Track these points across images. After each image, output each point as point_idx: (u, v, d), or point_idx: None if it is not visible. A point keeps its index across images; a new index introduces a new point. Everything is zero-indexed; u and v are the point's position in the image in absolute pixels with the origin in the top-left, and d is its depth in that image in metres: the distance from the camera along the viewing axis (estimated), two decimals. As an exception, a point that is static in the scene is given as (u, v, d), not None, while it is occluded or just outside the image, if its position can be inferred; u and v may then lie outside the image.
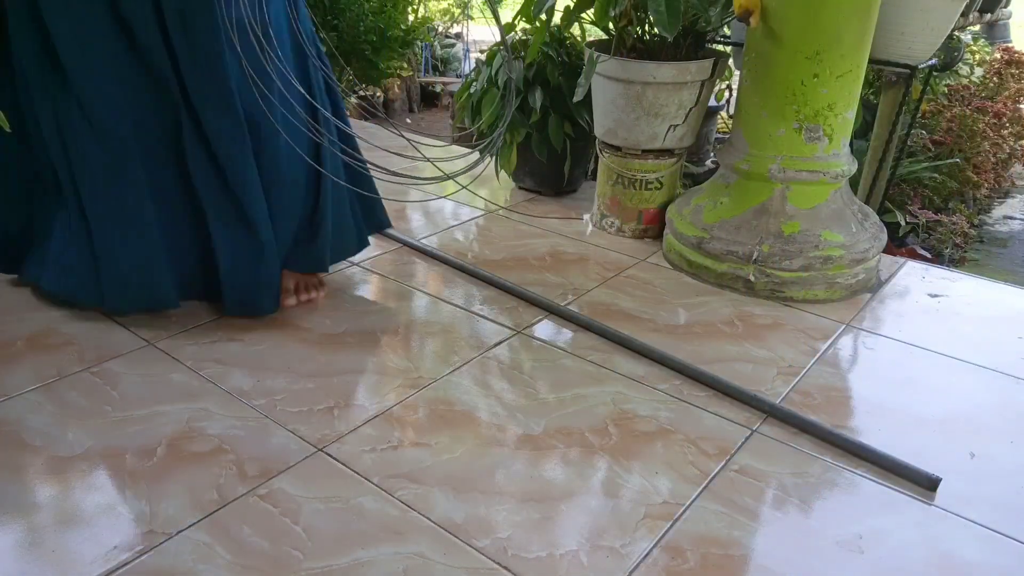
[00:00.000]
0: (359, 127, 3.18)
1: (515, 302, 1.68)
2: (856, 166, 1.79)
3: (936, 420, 1.32)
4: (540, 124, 2.12)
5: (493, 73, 2.16)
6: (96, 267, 1.43)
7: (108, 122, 1.36)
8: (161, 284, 1.46)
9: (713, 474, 1.17)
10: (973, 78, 3.42)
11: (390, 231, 1.98)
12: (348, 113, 4.56)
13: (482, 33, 7.64)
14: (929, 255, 2.68)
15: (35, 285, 1.58)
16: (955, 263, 2.88)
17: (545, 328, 1.59)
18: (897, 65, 2.05)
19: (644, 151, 1.94)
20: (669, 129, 1.90)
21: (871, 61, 1.85)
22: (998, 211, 3.60)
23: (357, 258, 1.86)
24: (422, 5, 5.19)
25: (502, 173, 2.30)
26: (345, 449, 1.20)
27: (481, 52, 3.57)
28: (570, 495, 1.12)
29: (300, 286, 1.60)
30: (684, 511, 1.09)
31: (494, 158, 2.26)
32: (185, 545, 1.01)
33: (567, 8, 1.88)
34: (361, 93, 5.24)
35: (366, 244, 1.72)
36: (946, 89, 3.26)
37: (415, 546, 1.02)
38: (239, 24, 1.27)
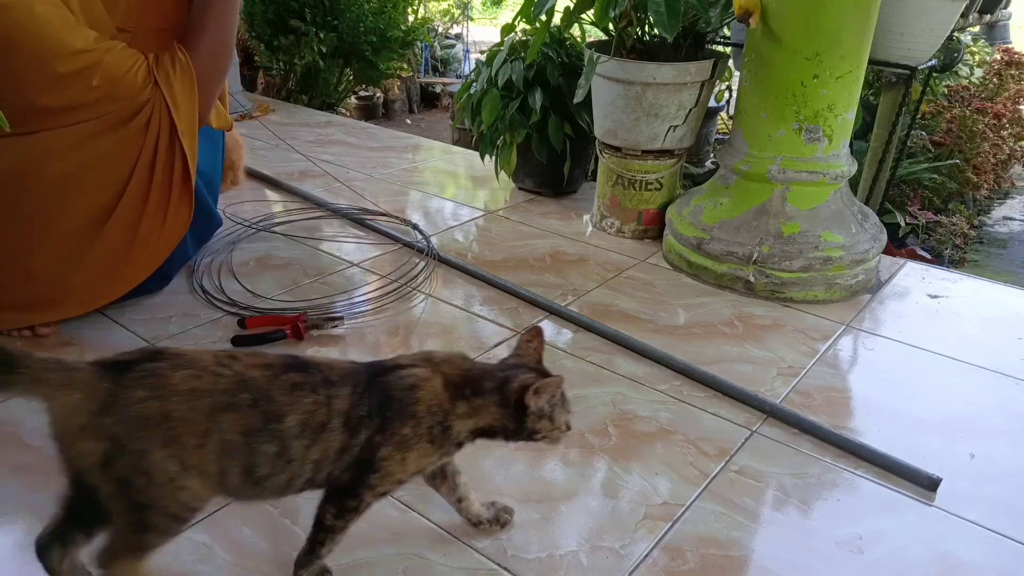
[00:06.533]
0: (359, 127, 3.18)
1: (515, 303, 1.68)
2: (856, 167, 1.79)
3: (936, 420, 1.32)
4: (540, 125, 2.12)
5: (493, 74, 2.16)
6: None
7: None
8: None
9: (713, 475, 1.17)
10: (973, 79, 3.43)
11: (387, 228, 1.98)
12: (348, 114, 4.51)
13: (482, 34, 7.64)
14: (929, 256, 2.68)
15: None
16: (955, 264, 2.88)
17: (545, 328, 1.58)
18: (897, 66, 2.05)
19: (644, 152, 1.94)
20: (669, 130, 1.90)
21: (871, 62, 1.85)
22: (998, 212, 3.61)
23: (357, 259, 1.86)
24: (422, 5, 5.19)
25: (502, 174, 2.30)
26: (345, 449, 1.20)
27: (481, 53, 3.57)
28: (570, 496, 1.12)
29: None
30: (684, 512, 1.09)
31: (494, 159, 2.27)
32: (185, 546, 1.01)
33: (567, 9, 1.88)
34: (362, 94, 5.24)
35: None
36: (946, 90, 3.26)
37: (415, 546, 1.02)
38: None
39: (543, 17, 1.81)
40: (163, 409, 0.75)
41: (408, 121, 5.76)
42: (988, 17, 3.19)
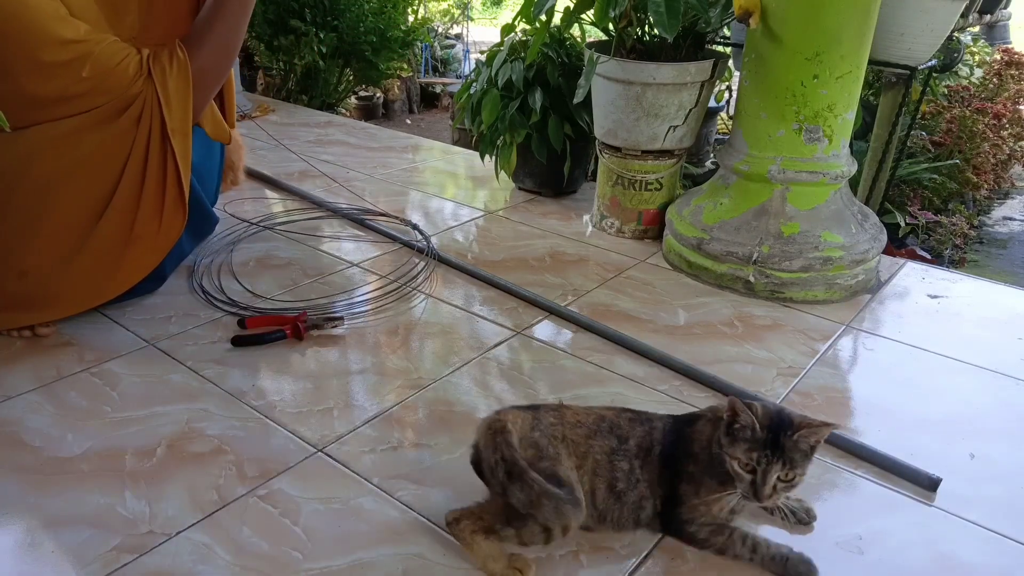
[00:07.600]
0: (359, 127, 3.18)
1: (515, 303, 1.68)
2: (856, 167, 1.79)
3: (936, 420, 1.32)
4: (540, 125, 2.12)
5: (493, 74, 2.16)
6: None
7: None
8: None
9: (713, 475, 1.17)
10: (973, 79, 3.43)
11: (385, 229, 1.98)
12: (348, 114, 4.51)
13: (482, 34, 7.64)
14: (929, 256, 2.68)
15: None
16: (955, 264, 2.88)
17: (545, 329, 1.59)
18: (897, 66, 2.05)
19: (644, 152, 1.94)
20: (669, 130, 1.90)
21: (871, 62, 1.85)
22: (998, 212, 3.61)
23: (357, 259, 1.87)
24: (422, 6, 5.18)
25: (502, 174, 2.30)
26: (345, 450, 1.20)
27: (481, 53, 3.57)
28: (570, 496, 1.12)
29: None
30: (684, 512, 1.09)
31: (494, 159, 2.26)
32: (185, 546, 1.01)
33: (567, 9, 1.88)
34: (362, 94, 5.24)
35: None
36: (946, 90, 3.26)
37: (415, 547, 1.02)
38: None
39: (543, 17, 1.81)
40: (563, 432, 1.01)
41: (408, 121, 5.76)
42: (988, 17, 3.19)
